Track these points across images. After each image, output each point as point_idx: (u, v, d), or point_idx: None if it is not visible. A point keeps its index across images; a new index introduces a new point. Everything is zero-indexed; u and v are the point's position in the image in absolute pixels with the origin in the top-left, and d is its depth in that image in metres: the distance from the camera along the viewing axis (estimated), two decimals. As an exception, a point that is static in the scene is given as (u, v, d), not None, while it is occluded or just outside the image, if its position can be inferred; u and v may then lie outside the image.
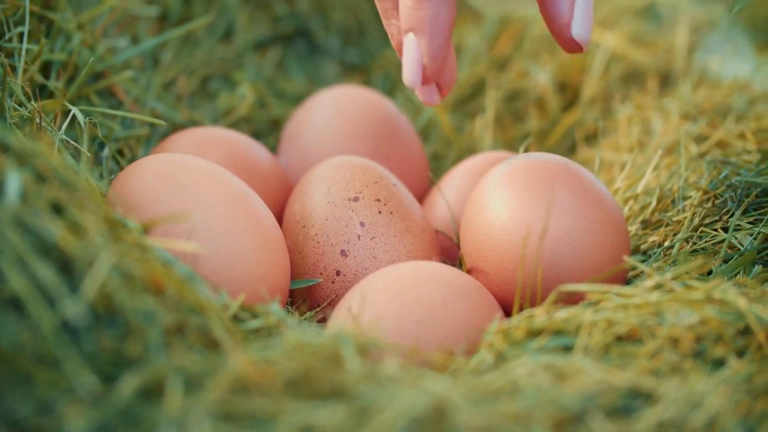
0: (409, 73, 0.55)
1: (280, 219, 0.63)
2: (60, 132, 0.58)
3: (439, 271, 0.54)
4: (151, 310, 0.42)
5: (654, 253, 0.61)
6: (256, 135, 0.78)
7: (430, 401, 0.40)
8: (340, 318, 0.53)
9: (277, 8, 0.87)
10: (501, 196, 0.56)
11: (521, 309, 0.54)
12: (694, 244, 0.59)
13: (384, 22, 0.57)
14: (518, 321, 0.50)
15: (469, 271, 0.58)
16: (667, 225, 0.62)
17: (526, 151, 0.70)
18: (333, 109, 0.70)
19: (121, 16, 0.75)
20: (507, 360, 0.48)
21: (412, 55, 0.54)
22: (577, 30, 0.55)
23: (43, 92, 0.63)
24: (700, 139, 0.70)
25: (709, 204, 0.61)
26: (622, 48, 0.83)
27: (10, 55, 0.61)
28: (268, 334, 0.49)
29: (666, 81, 0.83)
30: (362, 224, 0.59)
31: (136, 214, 0.52)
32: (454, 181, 0.67)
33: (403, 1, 0.53)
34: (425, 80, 0.55)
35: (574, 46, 0.56)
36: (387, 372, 0.44)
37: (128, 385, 0.40)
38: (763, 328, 0.46)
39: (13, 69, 0.60)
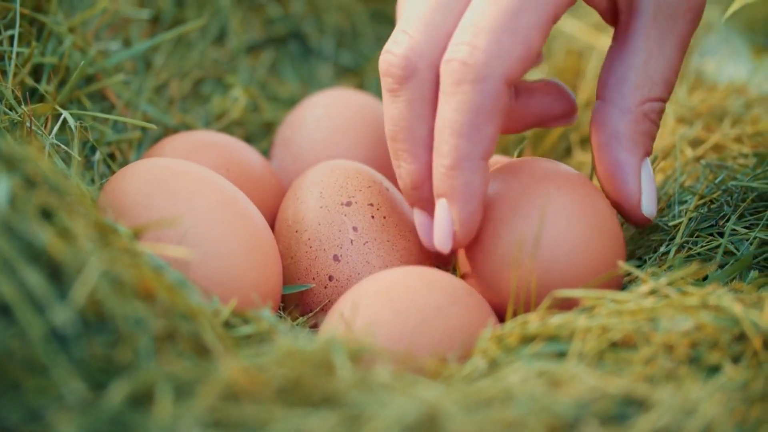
0: (441, 239, 0.55)
1: (272, 223, 0.63)
2: (50, 136, 0.58)
3: (433, 276, 0.54)
4: (141, 317, 0.42)
5: (649, 259, 0.60)
6: (249, 139, 0.78)
7: (422, 408, 0.40)
8: (332, 323, 0.52)
9: (270, 11, 0.87)
10: (495, 201, 0.56)
11: (515, 314, 0.54)
12: (690, 249, 0.59)
13: (393, 162, 0.57)
14: (512, 327, 0.50)
15: (462, 277, 0.58)
16: (663, 230, 0.62)
17: (520, 155, 0.69)
18: (326, 113, 0.70)
19: (113, 18, 0.74)
20: (500, 366, 0.47)
21: (443, 221, 0.54)
22: (648, 208, 0.57)
23: (33, 96, 0.62)
24: (696, 143, 0.70)
25: (705, 208, 0.61)
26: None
27: (0, 58, 0.61)
28: (260, 340, 0.49)
29: (661, 84, 0.82)
30: (355, 229, 0.59)
31: (127, 219, 0.52)
32: (448, 185, 0.66)
33: (436, 167, 0.54)
34: (455, 246, 0.55)
35: (644, 222, 0.57)
36: (379, 379, 0.44)
37: (118, 392, 0.39)
38: (759, 334, 0.45)
39: (4, 72, 0.60)
